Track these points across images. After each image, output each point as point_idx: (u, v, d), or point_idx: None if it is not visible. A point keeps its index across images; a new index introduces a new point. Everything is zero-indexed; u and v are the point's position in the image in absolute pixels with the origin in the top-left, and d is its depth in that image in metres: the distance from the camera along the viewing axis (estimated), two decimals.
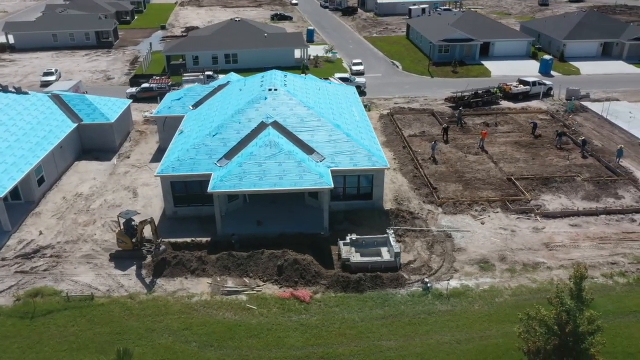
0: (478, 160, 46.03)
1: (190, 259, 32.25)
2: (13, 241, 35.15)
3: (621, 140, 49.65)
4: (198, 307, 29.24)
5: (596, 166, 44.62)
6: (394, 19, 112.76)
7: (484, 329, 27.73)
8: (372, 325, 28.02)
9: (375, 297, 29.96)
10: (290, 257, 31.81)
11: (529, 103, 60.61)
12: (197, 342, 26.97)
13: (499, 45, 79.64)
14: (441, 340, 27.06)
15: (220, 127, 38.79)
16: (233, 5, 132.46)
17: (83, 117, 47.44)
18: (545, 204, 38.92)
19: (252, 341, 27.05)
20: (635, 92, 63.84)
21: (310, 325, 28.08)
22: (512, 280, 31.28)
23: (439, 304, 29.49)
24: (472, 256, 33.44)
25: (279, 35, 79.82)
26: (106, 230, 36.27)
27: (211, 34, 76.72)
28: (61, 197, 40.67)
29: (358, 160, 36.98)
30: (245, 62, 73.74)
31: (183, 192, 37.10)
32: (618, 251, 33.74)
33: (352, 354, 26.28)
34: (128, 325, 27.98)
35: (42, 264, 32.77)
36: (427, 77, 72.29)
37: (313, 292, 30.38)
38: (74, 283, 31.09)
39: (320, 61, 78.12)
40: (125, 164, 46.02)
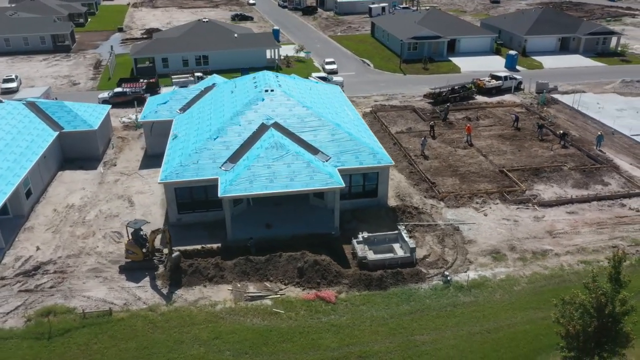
0: (468, 154, 47.29)
1: (207, 267, 31.43)
2: (9, 259, 33.08)
3: (594, 130, 52.32)
4: (224, 314, 28.56)
5: (578, 155, 46.82)
6: (356, 18, 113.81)
7: (510, 317, 28.58)
8: (402, 321, 28.30)
9: (399, 293, 30.26)
10: (310, 259, 31.60)
11: (503, 97, 62.76)
12: (230, 350, 26.35)
13: (465, 42, 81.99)
14: (472, 331, 27.68)
15: (221, 130, 37.97)
16: (189, 6, 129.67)
17: (63, 124, 45.18)
18: (540, 193, 40.51)
19: (286, 345, 26.71)
20: (597, 84, 67.37)
21: (341, 325, 28.03)
22: (526, 269, 32.39)
23: (462, 296, 30.15)
24: (483, 247, 34.37)
25: (249, 35, 78.86)
26: (109, 242, 34.76)
27: (180, 35, 74.82)
28: (51, 209, 38.62)
29: (363, 159, 37.15)
30: (217, 64, 72.36)
31: (187, 198, 36.08)
32: (616, 235, 35.58)
33: (388, 350, 26.44)
34: (154, 338, 26.97)
35: (47, 281, 31.03)
36: (400, 75, 73.46)
37: (337, 292, 30.34)
38: (87, 299, 29.63)
39: (291, 61, 77.84)
40: (113, 172, 44.21)
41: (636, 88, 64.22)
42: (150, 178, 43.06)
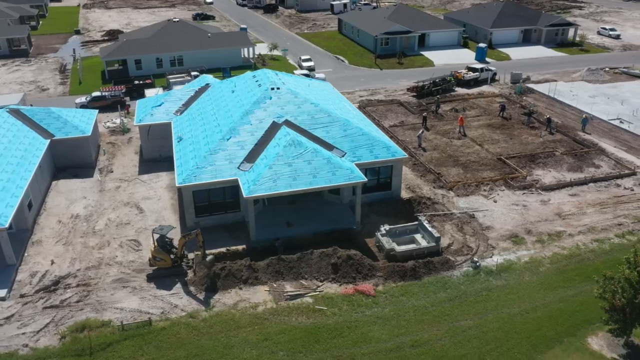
0: (464, 144, 48.66)
1: (240, 269, 30.88)
2: (24, 275, 31.25)
3: (573, 116, 55.12)
4: (267, 315, 28.20)
5: (566, 141, 49.17)
6: (319, 15, 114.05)
7: (543, 297, 29.78)
8: (443, 309, 28.91)
9: (434, 282, 30.88)
10: (342, 254, 31.68)
11: (481, 88, 64.89)
12: (284, 350, 26.09)
13: (434, 36, 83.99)
14: (511, 312, 28.66)
15: (233, 130, 37.30)
16: (144, 6, 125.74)
17: (54, 131, 42.97)
18: (540, 178, 42.30)
19: (338, 341, 26.73)
20: (564, 73, 70.78)
21: (386, 317, 28.32)
22: (545, 250, 33.81)
23: (493, 280, 31.13)
24: (501, 232, 35.56)
25: (222, 35, 77.57)
26: (127, 251, 33.47)
27: (151, 36, 72.53)
28: (56, 221, 36.73)
29: (378, 153, 37.55)
30: (192, 64, 70.64)
31: (205, 201, 35.27)
32: (618, 213, 37.71)
33: (437, 338, 26.96)
34: (202, 345, 26.30)
35: (72, 295, 29.55)
36: (377, 70, 74.39)
37: (374, 285, 30.61)
38: (120, 310, 28.46)
39: (266, 59, 77.20)
40: (111, 179, 42.49)
41: (601, 76, 67.99)
42: (153, 183, 41.78)
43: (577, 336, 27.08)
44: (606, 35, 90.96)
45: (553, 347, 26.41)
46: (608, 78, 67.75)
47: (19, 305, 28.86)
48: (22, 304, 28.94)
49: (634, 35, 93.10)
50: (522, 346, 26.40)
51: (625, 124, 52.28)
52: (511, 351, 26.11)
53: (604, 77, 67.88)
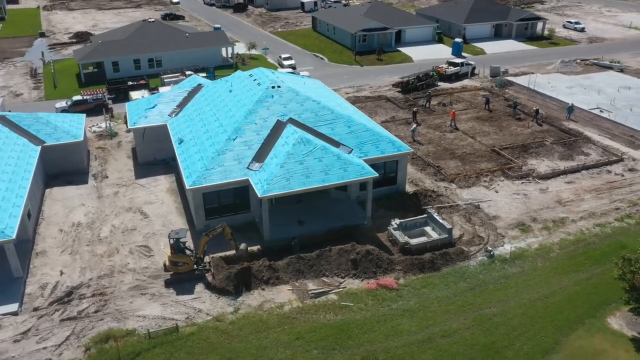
0: (457, 137, 49.57)
1: (260, 269, 30.53)
2: (33, 287, 29.96)
3: (555, 107, 57.02)
4: (295, 314, 28.01)
5: (553, 131, 50.79)
6: (290, 14, 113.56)
7: (558, 282, 30.72)
8: (466, 298, 29.43)
9: (453, 273, 31.39)
10: (361, 250, 31.79)
11: (463, 82, 66.22)
12: (318, 348, 25.99)
13: (410, 32, 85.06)
14: (531, 298, 29.45)
15: (238, 130, 36.77)
16: (109, 7, 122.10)
17: (44, 137, 41.29)
18: (535, 167, 43.56)
19: (370, 336, 26.82)
20: (539, 66, 73.00)
21: (412, 309, 28.61)
22: (553, 236, 34.87)
23: (508, 268, 31.90)
24: (508, 221, 36.45)
25: (201, 34, 76.31)
26: (138, 257, 32.56)
27: (127, 37, 70.50)
28: (56, 230, 35.35)
29: (384, 148, 37.82)
30: (171, 65, 69.16)
31: (215, 203, 34.68)
32: (614, 198, 39.27)
33: (466, 327, 27.43)
34: (234, 348, 25.89)
35: (89, 306, 28.53)
36: (358, 67, 74.79)
37: (394, 278, 30.85)
38: (142, 318, 27.67)
39: (245, 59, 76.40)
40: (107, 185, 41.19)
41: (574, 67, 70.50)
42: (153, 187, 40.76)
43: (596, 317, 28.09)
44: (572, 29, 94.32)
45: (576, 329, 27.31)
46: (581, 69, 70.33)
47: (33, 319, 27.67)
48: (37, 317, 27.75)
49: (596, 28, 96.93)
50: (547, 330, 27.19)
51: (605, 112, 54.43)
52: (538, 335, 26.85)
53: (577, 68, 70.43)
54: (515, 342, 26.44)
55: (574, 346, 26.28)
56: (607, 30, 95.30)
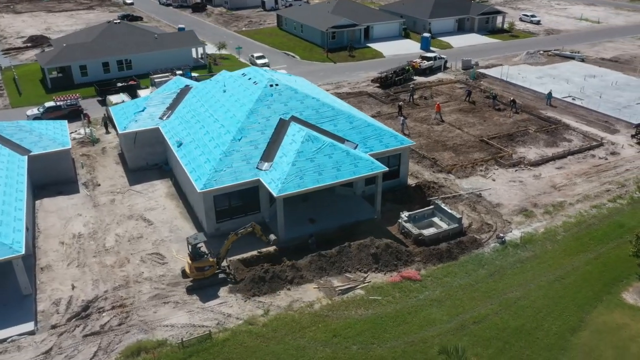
0: (445, 129, 50.61)
1: (283, 269, 30.16)
2: (45, 304, 28.35)
3: (529, 96, 59.19)
4: (326, 312, 27.85)
5: (533, 119, 52.73)
6: (250, 12, 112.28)
7: (570, 262, 31.97)
8: (488, 284, 30.15)
9: (470, 261, 32.08)
10: (381, 243, 31.99)
11: (437, 76, 67.63)
12: (356, 344, 25.96)
13: (378, 28, 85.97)
14: (549, 279, 30.52)
15: (242, 130, 36.07)
16: (59, 9, 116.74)
17: (28, 146, 39.10)
18: (525, 155, 45.11)
19: (404, 327, 27.04)
20: (505, 58, 75.54)
21: (439, 298, 29.04)
22: (555, 220, 36.24)
23: (521, 252, 32.92)
24: (511, 208, 37.58)
25: (170, 35, 74.20)
26: (152, 265, 31.44)
27: (93, 39, 67.62)
28: (57, 242, 33.59)
29: (387, 142, 38.12)
30: (141, 67, 66.97)
31: (225, 205, 33.93)
32: (603, 181, 41.23)
33: (494, 312, 28.11)
34: (273, 351, 25.47)
35: (111, 319, 27.30)
36: (331, 64, 74.92)
37: (416, 269, 31.21)
38: (171, 327, 26.75)
39: (216, 59, 75.00)
40: (101, 193, 39.48)
41: (539, 58, 73.42)
42: (150, 193, 39.42)
43: (612, 294, 29.45)
44: (528, 22, 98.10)
45: (596, 306, 28.54)
46: (545, 60, 73.30)
47: (53, 337, 26.21)
48: (57, 335, 26.31)
49: (550, 20, 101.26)
50: (570, 309, 28.27)
51: (577, 100, 57.02)
52: (563, 315, 27.89)
53: (541, 59, 73.36)
54: (543, 323, 27.35)
55: (597, 322, 27.48)
56: (560, 22, 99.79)
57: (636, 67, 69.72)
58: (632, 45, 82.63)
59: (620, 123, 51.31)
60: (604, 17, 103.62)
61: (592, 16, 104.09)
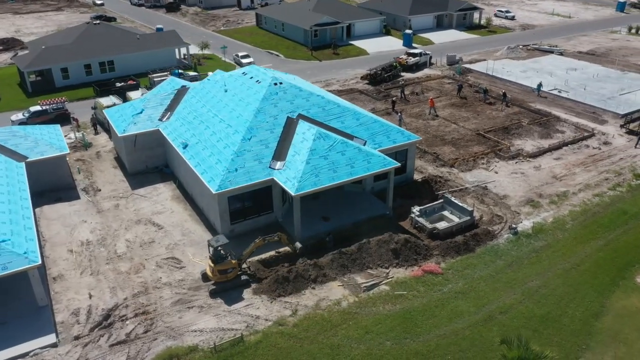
0: (441, 124, 51.17)
1: (306, 269, 29.89)
2: (63, 315, 27.29)
3: (517, 90, 60.42)
4: (355, 309, 27.75)
5: (523, 112, 53.85)
6: (227, 12, 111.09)
7: (582, 250, 32.76)
8: (508, 275, 30.61)
9: (487, 252, 32.51)
10: (400, 239, 32.08)
11: (424, 72, 68.34)
12: (389, 340, 25.95)
13: (359, 25, 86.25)
14: (565, 267, 31.19)
15: (251, 129, 35.55)
16: (26, 11, 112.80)
17: (25, 152, 37.57)
18: (522, 147, 46.02)
19: (434, 321, 27.18)
20: (486, 53, 76.96)
21: (463, 291, 29.32)
22: (562, 209, 37.08)
23: (534, 242, 33.55)
24: (517, 199, 38.26)
25: (153, 35, 72.57)
26: (169, 270, 30.67)
27: (73, 41, 65.43)
28: (65, 250, 32.41)
29: (395, 138, 38.25)
30: (124, 69, 65.36)
31: (239, 206, 33.40)
32: (600, 170, 42.43)
33: (518, 301, 28.54)
34: (308, 351, 25.20)
35: (135, 327, 26.49)
36: (316, 62, 74.74)
37: (435, 263, 31.43)
38: (200, 332, 26.15)
39: (200, 59, 73.81)
40: (103, 198, 38.29)
41: (520, 52, 75.07)
42: (155, 196, 38.50)
43: (627, 278, 30.33)
44: (503, 17, 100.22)
45: (614, 291, 29.34)
46: (525, 54, 75.02)
47: (78, 348, 25.27)
48: (81, 346, 25.37)
49: (524, 15, 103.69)
50: (590, 295, 28.97)
51: (563, 92, 58.53)
52: (584, 301, 28.55)
53: (522, 53, 75.03)
54: (567, 310, 27.95)
55: (617, 307, 28.25)
56: (534, 17, 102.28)
57: (612, 59, 72.15)
58: (605, 38, 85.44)
59: (607, 114, 52.95)
60: (574, 12, 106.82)
61: (562, 11, 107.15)
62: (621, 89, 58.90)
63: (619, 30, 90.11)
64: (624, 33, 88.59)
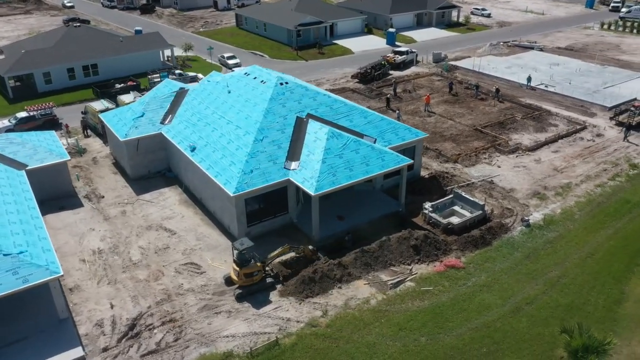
0: (437, 120, 51.69)
1: (331, 269, 29.68)
2: (87, 327, 26.33)
3: (505, 85, 61.55)
4: (384, 307, 27.71)
5: (515, 107, 54.91)
6: (203, 13, 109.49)
7: (594, 239, 33.58)
8: (527, 266, 31.12)
9: (504, 245, 32.97)
10: (419, 235, 32.23)
11: (412, 69, 68.94)
12: (424, 335, 26.02)
13: (341, 24, 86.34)
14: (580, 256, 31.91)
15: (262, 130, 35.10)
16: None
17: (24, 160, 36.12)
18: (520, 141, 46.92)
19: (464, 315, 27.40)
20: (468, 50, 78.14)
21: (487, 284, 29.65)
22: (568, 200, 37.95)
23: (547, 233, 34.22)
24: (524, 192, 38.95)
25: (136, 37, 70.88)
26: (189, 276, 29.97)
27: (54, 44, 63.27)
28: (77, 260, 31.29)
29: (403, 135, 38.42)
30: (108, 72, 63.60)
31: (255, 208, 32.91)
32: (598, 161, 43.62)
33: (542, 292, 29.01)
34: (346, 350, 25.02)
35: (165, 335, 25.78)
36: (303, 62, 74.43)
37: (456, 257, 31.70)
38: (232, 338, 25.63)
39: (184, 60, 72.54)
40: (108, 205, 37.15)
41: (502, 49, 76.57)
42: (162, 201, 37.59)
43: None
44: (479, 15, 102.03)
45: (630, 278, 30.19)
46: (507, 51, 76.56)
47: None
48: (111, 358, 24.52)
49: (499, 13, 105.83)
50: (609, 282, 29.72)
51: (550, 87, 59.97)
52: (604, 289, 29.26)
53: (504, 50, 76.56)
54: (589, 298, 28.60)
55: (636, 293, 29.06)
56: (508, 14, 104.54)
57: (590, 54, 74.36)
58: (580, 34, 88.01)
59: (595, 107, 54.53)
60: (546, 9, 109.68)
61: (535, 8, 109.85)
62: (604, 83, 60.77)
63: (592, 26, 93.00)
64: (597, 29, 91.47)
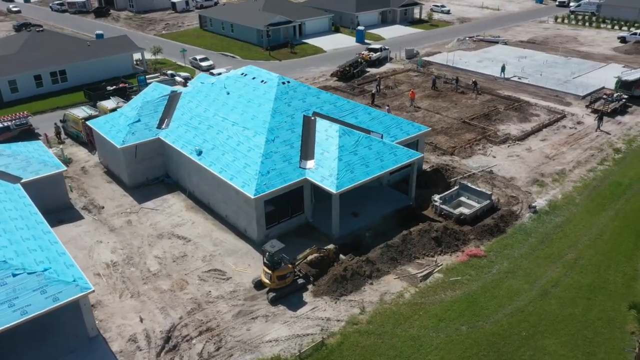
0: (425, 115, 52.49)
1: (360, 265, 29.58)
2: (119, 343, 25.02)
3: (481, 78, 63.27)
4: (419, 300, 27.88)
5: (494, 99, 56.59)
6: (162, 15, 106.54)
7: (598, 221, 35.06)
8: (543, 251, 32.14)
9: (517, 232, 33.90)
10: (439, 227, 32.64)
11: (387, 66, 69.73)
12: (464, 324, 26.34)
13: (309, 24, 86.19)
14: (590, 238, 33.25)
15: (272, 130, 34.50)
16: None
17: (17, 172, 33.96)
18: (508, 131, 48.40)
19: (497, 301, 27.96)
20: (436, 46, 79.85)
21: (510, 270, 30.39)
22: (566, 186, 39.47)
23: (554, 218, 35.46)
24: (523, 180, 40.19)
25: (104, 41, 67.95)
26: (215, 283, 29.07)
27: (17, 51, 59.74)
28: (92, 274, 29.63)
29: (407, 130, 38.81)
30: (77, 78, 60.79)
31: (273, 209, 32.31)
32: (584, 147, 45.62)
33: (563, 274, 30.01)
34: (393, 345, 24.99)
35: (205, 345, 24.88)
36: (276, 62, 73.73)
37: (475, 246, 32.31)
38: (276, 342, 25.06)
39: (155, 64, 70.30)
40: (110, 216, 35.47)
41: (469, 44, 78.68)
42: (167, 208, 36.30)
43: None
44: (439, 12, 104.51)
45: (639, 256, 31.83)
46: (474, 45, 78.79)
47: None
48: None
49: (457, 9, 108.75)
50: (622, 261, 31.14)
51: (523, 79, 62.22)
52: (619, 266, 30.63)
53: (471, 44, 78.72)
54: (607, 277, 29.86)
55: None
56: (466, 11, 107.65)
57: (552, 46, 77.72)
58: (538, 28, 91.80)
59: (569, 96, 57.03)
60: (501, 5, 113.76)
61: (490, 4, 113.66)
62: (573, 73, 63.68)
63: (547, 20, 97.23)
64: (552, 22, 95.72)
